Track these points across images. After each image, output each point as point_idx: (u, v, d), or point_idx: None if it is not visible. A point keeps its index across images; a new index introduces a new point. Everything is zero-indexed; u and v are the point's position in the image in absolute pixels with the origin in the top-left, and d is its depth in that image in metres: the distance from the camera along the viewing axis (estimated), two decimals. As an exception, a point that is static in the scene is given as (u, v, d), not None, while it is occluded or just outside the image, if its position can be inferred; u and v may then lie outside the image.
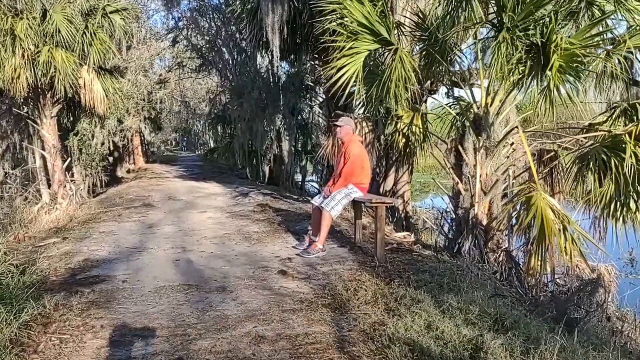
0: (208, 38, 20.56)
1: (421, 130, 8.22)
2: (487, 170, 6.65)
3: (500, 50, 5.20)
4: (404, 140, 8.43)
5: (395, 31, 6.77)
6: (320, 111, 14.03)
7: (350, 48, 6.34)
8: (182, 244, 6.96)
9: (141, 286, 5.08)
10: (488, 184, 6.77)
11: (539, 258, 5.37)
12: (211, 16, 19.91)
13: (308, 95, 17.13)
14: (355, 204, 6.59)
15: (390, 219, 8.77)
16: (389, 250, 6.29)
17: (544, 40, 5.19)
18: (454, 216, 7.08)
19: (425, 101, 10.49)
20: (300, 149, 17.70)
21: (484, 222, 6.76)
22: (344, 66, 6.35)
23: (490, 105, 6.74)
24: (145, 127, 27.84)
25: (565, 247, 5.29)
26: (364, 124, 8.60)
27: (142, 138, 31.30)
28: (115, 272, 5.64)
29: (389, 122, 8.50)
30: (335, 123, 6.49)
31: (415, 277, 5.03)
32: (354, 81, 6.49)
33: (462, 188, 6.83)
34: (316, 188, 17.48)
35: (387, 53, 6.59)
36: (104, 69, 13.91)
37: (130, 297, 4.73)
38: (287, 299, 4.57)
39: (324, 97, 13.92)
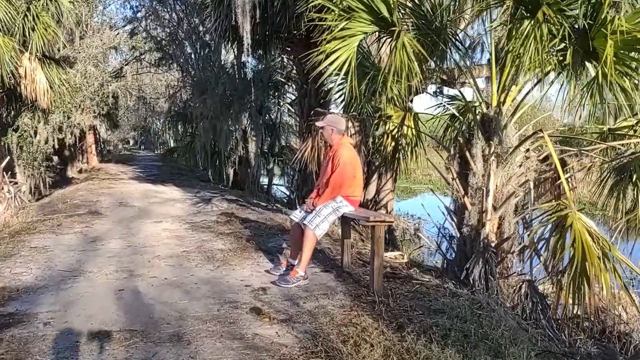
0: (169, 30, 19.13)
1: (414, 132, 7.14)
2: (497, 181, 5.59)
3: (542, 31, 4.11)
4: (392, 143, 7.35)
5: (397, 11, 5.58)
6: (292, 110, 12.86)
7: (343, 29, 5.17)
8: (129, 266, 5.68)
9: (68, 332, 3.80)
10: (499, 197, 5.72)
11: (576, 292, 4.33)
12: (172, 6, 18.47)
13: (277, 94, 15.92)
14: (344, 220, 5.42)
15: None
16: (383, 277, 5.15)
17: (591, 22, 4.14)
18: (458, 234, 6.00)
19: (411, 101, 9.44)
20: (267, 150, 16.47)
21: (494, 243, 5.71)
22: (335, 51, 5.18)
23: (503, 104, 5.69)
24: (100, 124, 26.20)
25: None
26: (350, 124, 7.46)
27: (97, 136, 29.52)
28: (39, 307, 4.34)
29: (376, 122, 7.40)
30: (317, 123, 5.30)
31: (430, 321, 3.90)
32: (346, 71, 5.31)
33: (469, 202, 5.76)
34: (284, 193, 16.27)
35: (385, 37, 5.45)
36: (50, 57, 12.41)
37: (50, 353, 3.46)
38: (265, 357, 3.37)
39: (295, 94, 12.74)
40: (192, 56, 18.28)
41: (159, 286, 4.95)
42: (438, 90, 9.53)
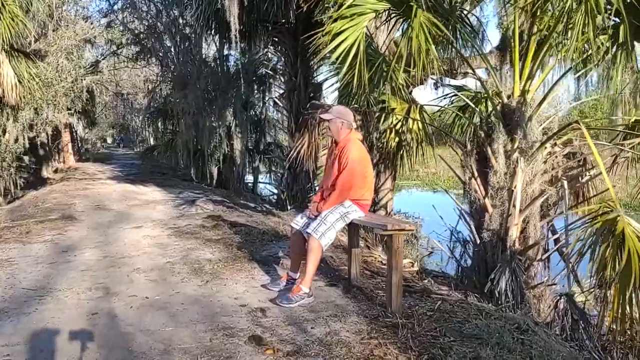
0: (147, 23, 18.23)
1: (420, 126, 6.50)
2: (521, 180, 4.96)
3: (599, 3, 3.46)
4: (396, 138, 6.70)
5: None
6: (281, 104, 12.15)
7: (351, 6, 4.48)
8: (105, 282, 4.95)
9: (27, 376, 3.10)
10: (523, 198, 5.10)
11: (627, 308, 3.72)
12: (151, -3, 17.59)
13: (262, 88, 15.17)
14: (352, 227, 4.74)
15: (376, 239, 6.90)
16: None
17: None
18: (474, 239, 5.36)
19: (411, 93, 8.80)
20: (252, 147, 15.74)
21: (519, 250, 5.09)
22: (341, 32, 4.48)
23: (527, 93, 5.06)
24: (77, 121, 25.21)
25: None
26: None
27: (74, 134, 28.48)
28: (-6, 340, 3.62)
29: (377, 115, 6.74)
30: (323, 116, 4.59)
31: (468, 351, 3.24)
32: (354, 55, 4.61)
33: (489, 204, 5.12)
34: (271, 192, 15.56)
35: (396, 17, 4.78)
36: (18, 50, 11.54)
37: (1, 408, 2.75)
38: (275, 408, 2.70)
39: (283, 88, 12.02)
40: (172, 50, 17.43)
41: (139, 308, 4.24)
42: (439, 82, 8.95)
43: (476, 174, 5.12)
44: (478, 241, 5.14)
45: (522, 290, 4.66)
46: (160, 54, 17.93)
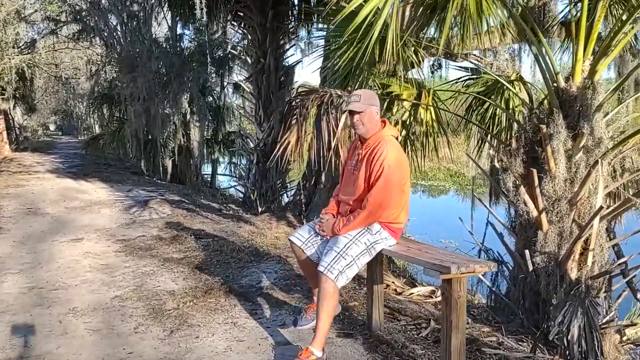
0: (90, -1, 16.34)
1: (433, 116, 5.26)
2: (602, 189, 3.79)
3: None
4: (403, 132, 5.45)
5: None
6: (247, 89, 10.71)
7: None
8: (26, 335, 3.52)
9: None
10: (584, 212, 3.93)
11: None
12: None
13: (221, 71, 13.67)
14: (374, 258, 3.42)
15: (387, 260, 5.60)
16: (433, 341, 3.27)
17: None
18: (527, 264, 4.15)
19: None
20: (210, 137, 14.26)
21: (574, 276, 3.93)
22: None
23: (595, 75, 3.88)
24: (12, 107, 23.04)
25: None
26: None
27: (11, 121, 26.08)
28: None
29: (386, 101, 5.46)
30: (353, 107, 3.16)
31: None
32: (385, 19, 3.29)
33: (545, 219, 3.93)
34: (231, 185, 14.08)
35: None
36: None
37: None
38: None
39: (248, 70, 10.57)
40: (119, 28, 15.66)
41: (74, 388, 2.85)
42: (437, 64, 7.80)
43: (536, 183, 3.90)
44: (530, 267, 3.94)
45: (600, 339, 3.51)
46: (105, 33, 16.13)
